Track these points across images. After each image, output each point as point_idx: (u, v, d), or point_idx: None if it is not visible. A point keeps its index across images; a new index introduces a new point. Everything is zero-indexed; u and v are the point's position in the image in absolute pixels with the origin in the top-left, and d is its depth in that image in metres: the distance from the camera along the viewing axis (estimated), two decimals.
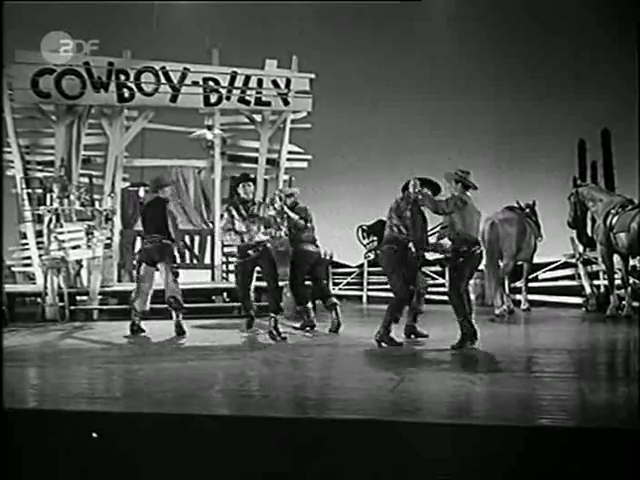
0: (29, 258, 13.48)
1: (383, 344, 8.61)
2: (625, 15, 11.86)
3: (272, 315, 9.73)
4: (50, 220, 12.92)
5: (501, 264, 12.63)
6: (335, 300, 10.64)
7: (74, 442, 4.52)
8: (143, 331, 10.35)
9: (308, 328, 10.63)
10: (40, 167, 14.04)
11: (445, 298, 9.32)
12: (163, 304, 10.31)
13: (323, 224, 10.82)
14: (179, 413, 5.02)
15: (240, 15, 15.88)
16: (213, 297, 14.33)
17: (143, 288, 10.36)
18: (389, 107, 16.78)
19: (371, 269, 17.14)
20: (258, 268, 10.29)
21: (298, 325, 10.79)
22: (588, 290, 13.58)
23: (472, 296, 14.32)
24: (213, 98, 13.90)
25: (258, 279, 13.86)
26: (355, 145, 16.10)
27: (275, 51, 14.46)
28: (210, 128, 14.23)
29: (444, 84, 16.86)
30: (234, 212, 9.94)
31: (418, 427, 4.61)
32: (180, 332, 10.02)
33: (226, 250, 14.24)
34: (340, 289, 18.81)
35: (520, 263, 13.28)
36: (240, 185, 10.08)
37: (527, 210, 13.29)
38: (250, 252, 9.94)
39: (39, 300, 12.86)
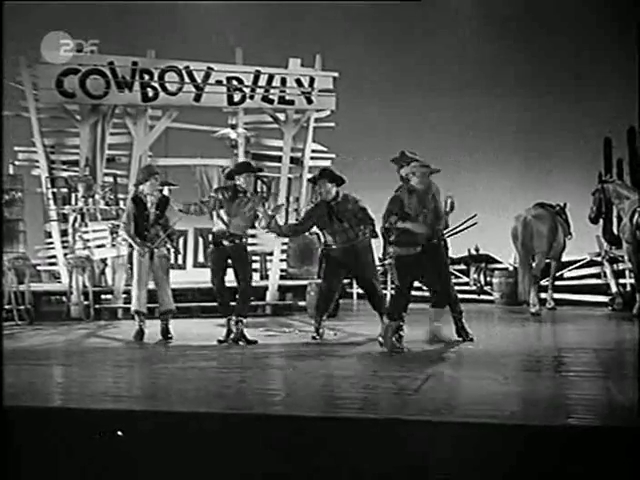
0: (54, 257, 13.60)
1: None
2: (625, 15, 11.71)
3: (240, 319, 9.17)
4: (75, 219, 13.06)
5: (533, 262, 12.64)
6: None
7: (74, 440, 4.55)
8: None
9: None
10: (65, 166, 14.11)
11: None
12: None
13: None
14: (179, 412, 5.03)
15: (264, 14, 15.86)
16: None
17: None
18: (391, 107, 16.71)
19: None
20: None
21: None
22: (614, 289, 13.38)
23: (497, 294, 14.60)
24: (237, 97, 13.89)
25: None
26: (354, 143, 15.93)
27: (298, 50, 14.44)
28: (234, 127, 14.24)
29: (445, 84, 16.75)
30: (225, 195, 9.19)
31: (418, 426, 4.58)
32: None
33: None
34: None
35: (548, 261, 13.17)
36: (242, 175, 9.26)
37: (557, 208, 13.25)
38: (225, 242, 9.22)
39: (64, 299, 13.01)
